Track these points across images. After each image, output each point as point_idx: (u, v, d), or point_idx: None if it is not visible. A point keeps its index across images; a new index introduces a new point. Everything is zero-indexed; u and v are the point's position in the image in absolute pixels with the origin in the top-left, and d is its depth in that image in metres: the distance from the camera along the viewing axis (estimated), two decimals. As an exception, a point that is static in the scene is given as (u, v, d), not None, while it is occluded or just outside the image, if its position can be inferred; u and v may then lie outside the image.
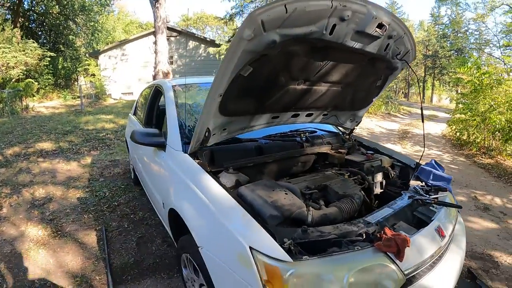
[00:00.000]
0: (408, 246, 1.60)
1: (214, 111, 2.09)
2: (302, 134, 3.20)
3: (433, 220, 2.03)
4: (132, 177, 5.21)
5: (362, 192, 2.39)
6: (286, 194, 2.02)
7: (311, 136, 3.23)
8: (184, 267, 2.42)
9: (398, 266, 1.59)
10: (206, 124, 2.14)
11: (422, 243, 1.79)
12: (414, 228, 1.93)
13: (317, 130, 3.49)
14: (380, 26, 1.94)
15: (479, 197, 5.60)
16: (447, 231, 2.03)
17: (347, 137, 3.52)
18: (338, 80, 2.51)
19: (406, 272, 1.61)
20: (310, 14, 1.67)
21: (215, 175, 2.17)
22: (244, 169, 2.45)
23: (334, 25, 1.80)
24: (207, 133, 2.19)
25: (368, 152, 3.15)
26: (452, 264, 1.99)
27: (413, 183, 2.62)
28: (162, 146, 2.75)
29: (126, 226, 3.91)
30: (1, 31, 17.02)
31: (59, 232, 3.73)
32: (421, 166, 2.71)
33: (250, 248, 1.54)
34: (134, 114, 5.11)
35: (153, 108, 3.91)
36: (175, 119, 2.80)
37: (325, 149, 3.10)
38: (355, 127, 3.48)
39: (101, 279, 2.96)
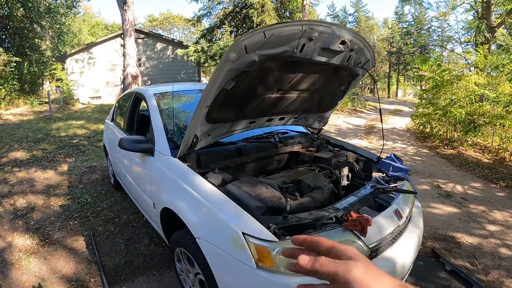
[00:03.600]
0: (370, 225, 1.94)
1: (201, 120, 2.36)
2: (275, 136, 3.52)
3: (391, 204, 2.39)
4: (112, 182, 5.27)
5: (330, 184, 2.72)
6: (267, 188, 2.34)
7: (283, 137, 3.52)
8: (178, 261, 2.67)
9: (363, 241, 1.93)
10: (194, 132, 2.41)
11: (382, 223, 2.15)
12: (375, 211, 2.27)
13: (288, 131, 3.81)
14: (343, 42, 2.27)
15: (441, 185, 5.92)
16: (404, 212, 2.39)
17: (316, 136, 3.83)
18: (307, 88, 2.84)
19: (370, 246, 1.96)
20: (284, 37, 1.99)
21: (203, 175, 2.44)
22: (228, 169, 2.72)
23: (304, 45, 2.12)
24: (195, 139, 2.47)
25: (335, 149, 3.51)
26: (411, 240, 2.35)
27: (375, 174, 3.01)
28: (150, 152, 2.97)
29: (112, 229, 4.00)
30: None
31: (47, 240, 3.75)
32: (382, 159, 3.08)
33: (243, 233, 1.85)
34: (112, 120, 5.18)
35: (133, 114, 4.11)
36: (161, 126, 3.04)
37: (296, 148, 3.41)
38: (323, 127, 3.81)
39: (96, 281, 3.06)
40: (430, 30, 38.90)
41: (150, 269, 3.22)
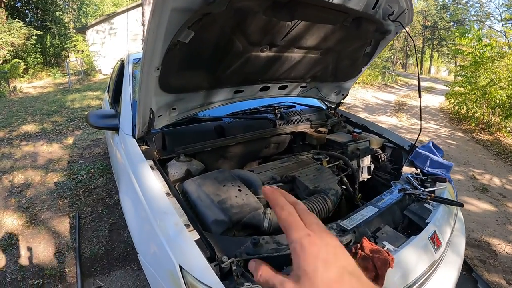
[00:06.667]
0: (391, 268, 1.19)
1: (154, 89, 1.66)
2: (276, 110, 2.77)
3: (428, 223, 1.59)
4: (111, 157, 4.90)
5: (342, 183, 2.02)
6: (240, 190, 1.62)
7: (286, 112, 2.80)
8: None
9: None
10: (148, 104, 1.72)
11: (410, 260, 1.38)
12: (402, 235, 1.51)
13: (296, 104, 3.06)
14: None
15: (477, 176, 5.46)
16: (444, 237, 1.60)
17: (332, 112, 3.09)
18: (316, 45, 2.04)
19: None
20: None
21: (164, 163, 1.81)
22: (201, 155, 2.08)
23: None
24: (151, 114, 1.79)
25: (355, 130, 2.73)
26: (446, 278, 1.59)
27: (406, 169, 2.19)
28: (116, 129, 2.38)
29: (100, 211, 3.75)
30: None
31: (33, 221, 3.59)
32: (417, 149, 2.27)
33: (180, 267, 1.19)
34: (108, 91, 4.72)
35: (120, 85, 3.41)
36: (129, 97, 2.41)
37: (302, 127, 2.69)
38: (342, 101, 3.03)
39: (70, 271, 2.84)
40: (468, 4, 36.61)
41: (129, 262, 2.93)
